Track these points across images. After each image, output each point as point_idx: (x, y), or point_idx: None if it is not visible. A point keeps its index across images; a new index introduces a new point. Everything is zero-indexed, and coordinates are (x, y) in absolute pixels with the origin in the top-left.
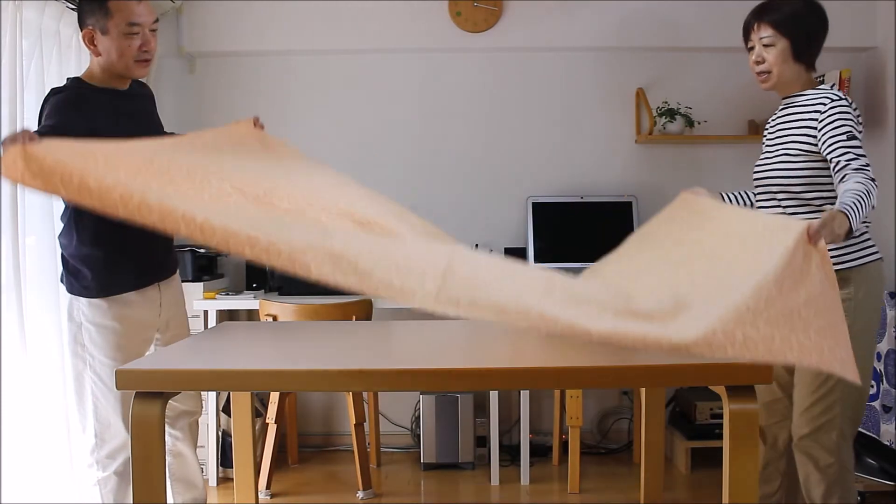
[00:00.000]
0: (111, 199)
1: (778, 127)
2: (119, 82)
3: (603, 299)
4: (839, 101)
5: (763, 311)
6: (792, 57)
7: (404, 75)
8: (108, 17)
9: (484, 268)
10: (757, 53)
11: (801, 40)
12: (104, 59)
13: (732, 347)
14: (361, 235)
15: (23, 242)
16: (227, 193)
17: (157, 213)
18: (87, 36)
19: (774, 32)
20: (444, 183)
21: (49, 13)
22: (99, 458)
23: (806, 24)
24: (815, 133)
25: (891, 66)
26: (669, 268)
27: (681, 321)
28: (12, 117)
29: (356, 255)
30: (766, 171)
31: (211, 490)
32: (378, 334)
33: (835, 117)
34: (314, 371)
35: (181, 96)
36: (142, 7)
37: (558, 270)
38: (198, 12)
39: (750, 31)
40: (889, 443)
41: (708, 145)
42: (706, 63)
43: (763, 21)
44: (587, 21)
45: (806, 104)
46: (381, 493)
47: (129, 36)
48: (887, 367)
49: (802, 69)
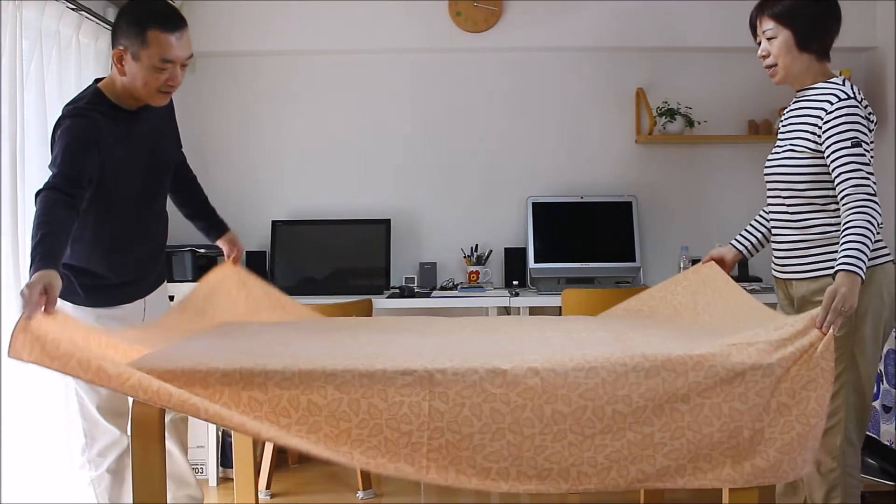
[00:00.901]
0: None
1: (789, 121)
2: (136, 102)
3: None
4: (847, 101)
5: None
6: (796, 47)
7: (404, 75)
8: (143, 46)
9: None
10: (763, 48)
11: (804, 29)
12: (128, 81)
13: None
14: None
15: (23, 242)
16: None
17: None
18: (116, 55)
19: (775, 24)
20: (445, 183)
21: (49, 13)
22: (90, 457)
23: (807, 13)
24: (819, 132)
25: (891, 66)
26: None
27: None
28: (12, 117)
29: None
30: (774, 166)
31: (211, 490)
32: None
33: (841, 119)
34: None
35: (181, 96)
36: (181, 43)
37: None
38: (198, 12)
39: (756, 26)
40: (889, 443)
41: (708, 145)
42: (706, 63)
43: (764, 14)
44: (587, 21)
45: (815, 98)
46: (381, 493)
47: (158, 70)
48: (887, 367)
49: (813, 59)
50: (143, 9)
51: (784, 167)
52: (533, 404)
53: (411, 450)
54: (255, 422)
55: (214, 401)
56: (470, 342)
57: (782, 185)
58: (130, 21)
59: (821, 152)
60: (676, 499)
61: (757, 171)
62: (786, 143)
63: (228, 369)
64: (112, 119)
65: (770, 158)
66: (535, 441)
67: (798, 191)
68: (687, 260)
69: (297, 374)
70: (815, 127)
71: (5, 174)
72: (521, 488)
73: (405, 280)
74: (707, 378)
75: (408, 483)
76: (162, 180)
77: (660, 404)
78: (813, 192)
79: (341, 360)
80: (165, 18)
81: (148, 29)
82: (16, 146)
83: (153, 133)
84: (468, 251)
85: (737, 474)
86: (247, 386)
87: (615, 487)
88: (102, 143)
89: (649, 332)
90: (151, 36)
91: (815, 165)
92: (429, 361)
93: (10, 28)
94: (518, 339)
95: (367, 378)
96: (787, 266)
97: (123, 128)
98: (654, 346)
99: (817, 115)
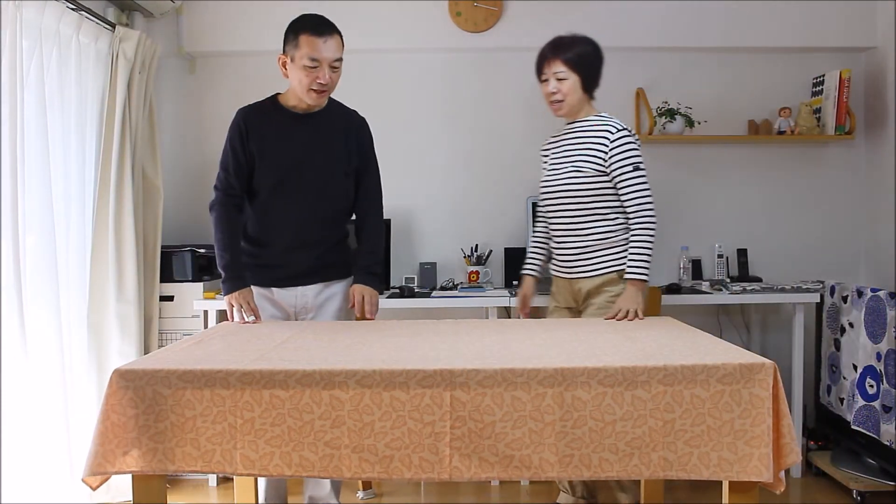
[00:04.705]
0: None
1: (565, 146)
2: (304, 105)
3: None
4: (623, 132)
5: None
6: (581, 89)
7: (404, 75)
8: (296, 48)
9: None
10: (553, 86)
11: (589, 75)
12: (290, 83)
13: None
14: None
15: (23, 242)
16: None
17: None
18: (280, 61)
19: (567, 68)
20: (444, 183)
21: (49, 13)
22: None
23: (591, 62)
24: (604, 156)
25: (891, 66)
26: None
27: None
28: (12, 117)
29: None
30: (560, 183)
31: (211, 490)
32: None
33: (623, 147)
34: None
35: (181, 96)
36: (326, 45)
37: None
38: (198, 12)
39: (543, 64)
40: (889, 443)
41: (708, 145)
42: (706, 63)
43: (557, 58)
44: (587, 21)
45: (593, 129)
46: (381, 493)
47: (309, 69)
48: (887, 367)
49: (586, 98)
50: (299, 19)
51: (572, 184)
52: (553, 391)
53: (434, 439)
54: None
55: (236, 400)
56: (483, 346)
57: (569, 200)
58: (289, 30)
59: (605, 173)
60: (676, 499)
61: (757, 172)
62: (567, 165)
63: (249, 370)
64: (279, 112)
65: (551, 179)
66: (556, 427)
67: (584, 204)
68: (687, 260)
69: (319, 372)
70: (601, 152)
71: (5, 174)
72: (543, 476)
73: (405, 280)
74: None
75: (408, 483)
76: (310, 184)
77: (679, 390)
78: (596, 204)
79: (361, 362)
80: (315, 25)
81: (301, 34)
82: (16, 146)
83: (315, 137)
84: (468, 251)
85: (764, 467)
86: (268, 384)
87: (637, 475)
88: (260, 132)
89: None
90: (303, 39)
91: (599, 183)
92: (447, 364)
93: (10, 28)
94: (529, 341)
95: (388, 374)
96: (574, 267)
97: (285, 123)
98: (665, 346)
99: (600, 142)
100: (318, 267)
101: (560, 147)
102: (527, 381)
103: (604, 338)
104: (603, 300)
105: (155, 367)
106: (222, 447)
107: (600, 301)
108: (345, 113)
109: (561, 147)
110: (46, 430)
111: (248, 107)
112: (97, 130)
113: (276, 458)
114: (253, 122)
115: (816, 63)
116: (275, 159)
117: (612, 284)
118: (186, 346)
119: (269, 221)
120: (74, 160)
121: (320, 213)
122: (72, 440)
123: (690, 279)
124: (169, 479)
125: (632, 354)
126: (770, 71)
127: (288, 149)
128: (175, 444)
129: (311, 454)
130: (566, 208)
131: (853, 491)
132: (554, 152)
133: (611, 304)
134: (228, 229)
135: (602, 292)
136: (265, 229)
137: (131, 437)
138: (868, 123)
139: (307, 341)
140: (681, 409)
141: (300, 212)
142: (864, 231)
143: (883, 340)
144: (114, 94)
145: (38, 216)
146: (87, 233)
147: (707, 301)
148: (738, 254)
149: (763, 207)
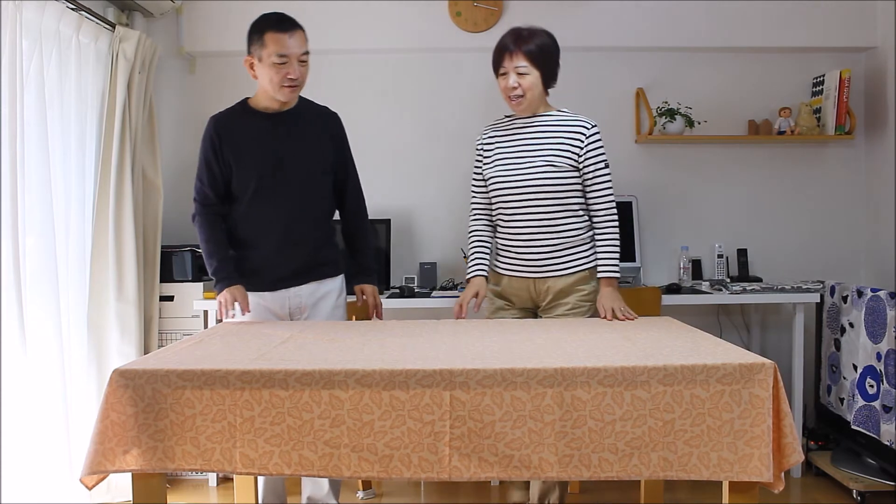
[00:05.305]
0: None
1: (528, 141)
2: (276, 104)
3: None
4: (595, 129)
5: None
6: (542, 84)
7: (404, 75)
8: (263, 47)
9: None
10: (513, 80)
11: (550, 71)
12: (260, 83)
13: None
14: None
15: (23, 242)
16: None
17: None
18: (247, 62)
19: (528, 63)
20: (445, 183)
21: (49, 13)
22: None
23: (551, 57)
24: (579, 152)
25: (891, 66)
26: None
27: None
28: (12, 117)
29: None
30: (527, 179)
31: (211, 490)
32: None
33: (596, 145)
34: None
35: (181, 96)
36: (292, 41)
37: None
38: (198, 12)
39: (503, 59)
40: (889, 443)
41: (708, 145)
42: (706, 63)
43: (519, 51)
44: (587, 21)
45: (565, 124)
46: (381, 493)
47: (278, 65)
48: (887, 367)
49: (545, 93)
50: (261, 19)
51: (546, 180)
52: (553, 391)
53: (434, 439)
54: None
55: (235, 399)
56: (483, 346)
57: (542, 196)
58: (252, 31)
59: (578, 169)
60: (676, 499)
61: (757, 172)
62: (538, 160)
63: (248, 369)
64: (252, 116)
65: (514, 173)
66: (556, 427)
67: (557, 201)
68: (687, 260)
69: (318, 371)
70: (577, 148)
71: (5, 174)
72: (542, 476)
73: (405, 280)
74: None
75: (408, 483)
76: (293, 183)
77: (678, 390)
78: (569, 201)
79: (361, 362)
80: (278, 22)
81: (266, 33)
82: (16, 146)
83: (292, 134)
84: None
85: (764, 467)
86: (268, 384)
87: (637, 476)
88: (233, 139)
89: (652, 330)
90: (268, 38)
91: (572, 180)
92: (447, 363)
93: (10, 28)
94: (529, 342)
95: (388, 373)
96: (544, 266)
97: (258, 125)
98: (665, 346)
99: (575, 138)
100: (311, 266)
101: (521, 141)
102: (526, 380)
103: (603, 338)
104: (575, 299)
105: (155, 366)
106: (222, 446)
107: (573, 300)
108: (316, 109)
109: (523, 141)
110: (46, 430)
111: (218, 114)
112: (97, 130)
113: (275, 457)
114: (225, 130)
115: (816, 63)
116: (253, 163)
117: (583, 283)
118: (186, 345)
119: (255, 225)
120: (74, 160)
121: (307, 213)
122: (71, 440)
123: (690, 279)
124: (169, 479)
125: (631, 354)
126: (770, 71)
127: (265, 151)
128: (175, 443)
129: (311, 453)
130: (538, 204)
131: (853, 491)
132: (512, 146)
133: (583, 303)
134: (212, 237)
135: (574, 291)
136: (252, 233)
137: (131, 435)
138: (868, 123)
139: (307, 341)
140: (680, 409)
141: (286, 213)
142: (864, 231)
143: (883, 340)
144: (114, 94)
145: (38, 216)
146: (86, 233)
147: (707, 301)
148: (738, 254)
149: (763, 207)
